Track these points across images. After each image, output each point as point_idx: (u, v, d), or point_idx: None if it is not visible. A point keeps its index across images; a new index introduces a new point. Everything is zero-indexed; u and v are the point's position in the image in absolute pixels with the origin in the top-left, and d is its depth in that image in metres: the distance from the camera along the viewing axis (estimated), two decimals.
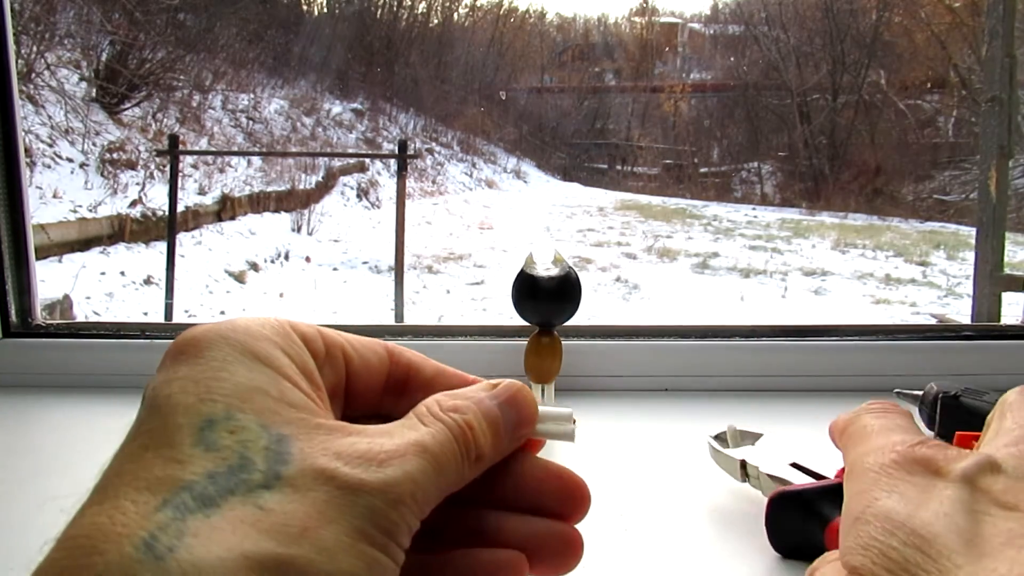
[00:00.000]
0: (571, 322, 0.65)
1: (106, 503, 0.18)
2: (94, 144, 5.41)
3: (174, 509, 0.17)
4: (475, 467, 0.23)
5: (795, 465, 0.46)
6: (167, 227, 4.16)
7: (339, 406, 0.25)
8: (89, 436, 0.61)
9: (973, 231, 4.08)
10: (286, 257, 5.22)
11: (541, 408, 0.25)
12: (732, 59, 9.85)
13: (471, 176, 8.55)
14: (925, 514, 0.21)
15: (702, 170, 9.42)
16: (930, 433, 0.61)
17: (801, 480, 0.44)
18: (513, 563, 0.24)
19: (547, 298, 0.62)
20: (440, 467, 0.21)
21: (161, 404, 0.20)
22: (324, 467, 0.19)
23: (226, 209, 5.48)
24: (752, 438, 0.51)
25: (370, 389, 0.25)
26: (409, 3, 9.50)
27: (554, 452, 0.62)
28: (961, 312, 4.56)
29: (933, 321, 4.39)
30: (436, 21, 9.97)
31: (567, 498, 0.24)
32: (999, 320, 3.04)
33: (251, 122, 7.20)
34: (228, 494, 0.18)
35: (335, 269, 5.19)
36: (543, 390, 0.66)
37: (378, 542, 0.19)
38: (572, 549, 0.24)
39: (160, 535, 0.17)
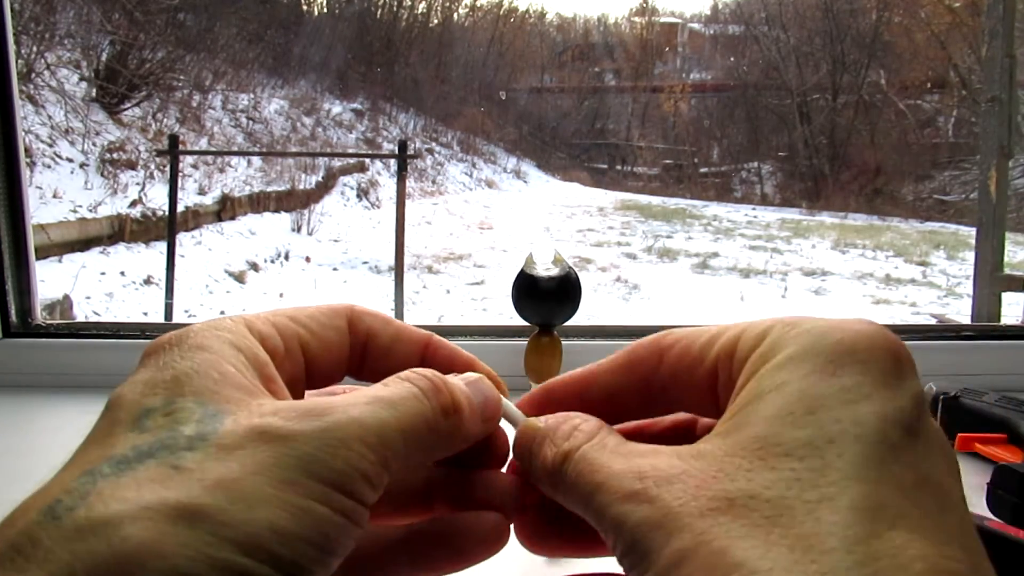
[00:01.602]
0: (571, 322, 0.65)
1: (39, 490, 0.18)
2: (94, 144, 5.41)
3: (88, 476, 0.17)
4: (455, 421, 0.22)
5: None
6: (167, 227, 4.16)
7: (302, 391, 0.25)
8: None
9: (973, 231, 4.08)
10: (286, 257, 5.22)
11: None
12: (732, 59, 9.85)
13: (471, 176, 8.55)
14: None
15: (702, 170, 9.42)
16: None
17: None
18: (496, 527, 0.24)
19: (547, 298, 0.62)
20: (400, 414, 0.20)
21: (111, 406, 0.20)
22: (255, 425, 0.18)
23: (226, 209, 5.48)
24: None
25: (334, 366, 0.25)
26: (409, 3, 9.51)
27: None
28: (961, 312, 4.56)
29: (933, 321, 4.39)
30: (436, 21, 9.98)
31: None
32: (999, 320, 3.04)
33: (251, 122, 7.20)
34: (147, 458, 0.18)
35: (335, 269, 5.19)
36: None
37: (314, 492, 0.18)
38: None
39: (64, 498, 0.17)
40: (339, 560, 0.18)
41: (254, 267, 4.93)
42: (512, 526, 0.24)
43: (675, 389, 0.23)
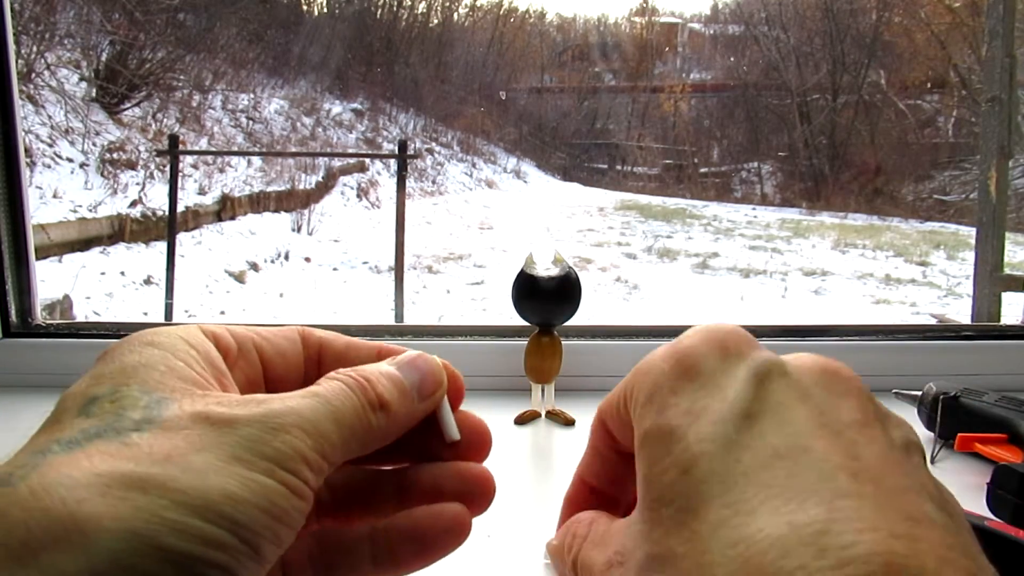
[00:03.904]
0: (571, 322, 0.65)
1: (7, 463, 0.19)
2: (94, 144, 5.41)
3: (39, 454, 0.18)
4: (384, 416, 0.23)
5: None
6: (167, 227, 4.16)
7: (255, 372, 0.26)
8: None
9: (973, 231, 4.08)
10: (286, 257, 5.22)
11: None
12: (732, 59, 9.85)
13: (471, 176, 8.55)
14: None
15: (702, 170, 9.42)
16: (929, 434, 0.61)
17: None
18: (457, 518, 0.25)
19: (547, 298, 0.63)
20: (334, 408, 0.21)
21: (60, 400, 0.21)
22: (199, 410, 0.19)
23: (226, 209, 5.48)
24: None
25: (289, 373, 0.26)
26: (409, 3, 9.51)
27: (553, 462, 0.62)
28: (961, 312, 4.56)
29: (933, 321, 4.39)
30: (436, 21, 9.98)
31: (474, 442, 0.27)
32: (999, 320, 3.04)
33: (251, 122, 7.20)
34: (95, 438, 0.18)
35: (335, 269, 5.19)
36: (543, 390, 0.66)
37: (259, 466, 0.19)
38: (487, 486, 0.26)
39: (16, 471, 0.17)
40: (288, 536, 0.19)
41: (254, 267, 4.93)
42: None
43: (630, 446, 0.25)
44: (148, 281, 4.26)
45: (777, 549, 0.17)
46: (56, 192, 4.73)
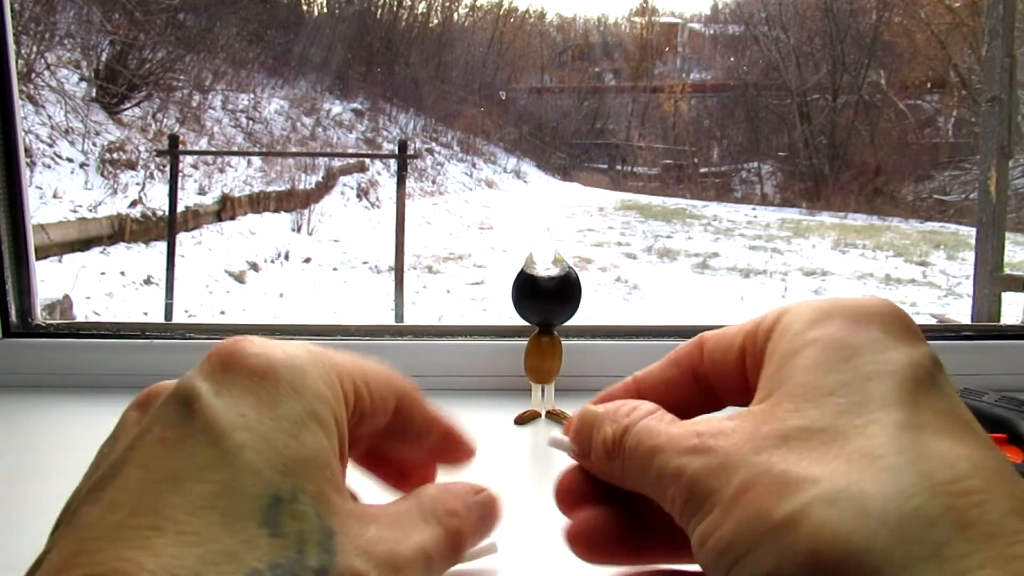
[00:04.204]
0: (571, 322, 0.65)
1: (163, 556, 0.17)
2: (94, 144, 5.41)
3: None
4: (454, 561, 0.25)
5: None
6: (167, 227, 4.16)
7: None
8: (89, 436, 0.60)
9: (973, 231, 4.08)
10: (286, 257, 5.22)
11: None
12: (732, 59, 9.85)
13: (471, 176, 8.55)
14: None
15: (702, 170, 9.42)
16: None
17: None
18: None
19: (547, 298, 0.62)
20: (432, 566, 0.23)
21: (230, 453, 0.19)
22: (359, 570, 0.20)
23: (226, 209, 5.48)
24: None
25: (370, 432, 0.26)
26: (409, 3, 9.51)
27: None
28: (961, 312, 4.56)
29: (933, 321, 4.39)
30: (436, 21, 9.98)
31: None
32: (999, 320, 3.04)
33: (251, 122, 7.20)
34: None
35: (335, 269, 5.19)
36: (543, 390, 0.66)
37: None
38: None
39: None
40: None
41: (254, 267, 4.93)
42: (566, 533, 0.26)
43: (715, 379, 0.25)
44: (148, 281, 4.26)
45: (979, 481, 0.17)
46: (56, 192, 4.73)
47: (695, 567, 0.24)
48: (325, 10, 9.40)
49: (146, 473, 0.19)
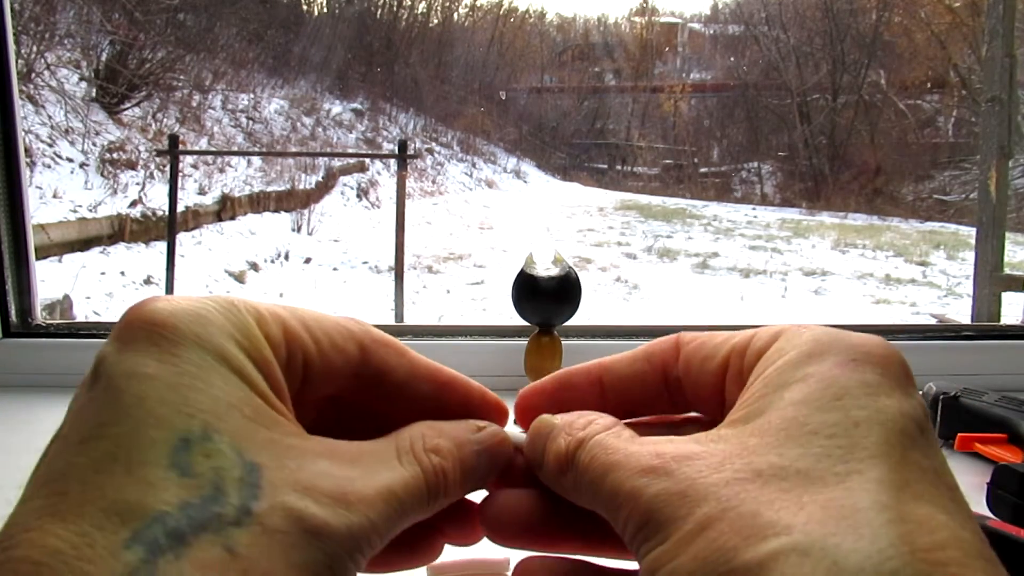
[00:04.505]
0: (571, 322, 0.65)
1: (68, 520, 0.16)
2: (94, 144, 5.42)
3: (145, 548, 0.16)
4: (436, 508, 0.22)
5: None
6: (167, 227, 4.16)
7: (292, 388, 0.23)
8: None
9: (973, 231, 4.08)
10: (286, 257, 5.22)
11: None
12: (732, 59, 9.85)
13: (471, 176, 8.55)
14: None
15: (702, 170, 9.42)
16: None
17: None
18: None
19: (547, 298, 0.62)
20: (404, 512, 0.21)
21: (131, 405, 0.18)
22: (292, 506, 0.18)
23: (226, 209, 5.48)
24: None
25: (330, 382, 0.23)
26: (409, 3, 9.51)
27: None
28: (961, 312, 4.56)
29: (933, 321, 4.39)
30: (436, 21, 9.98)
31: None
32: (999, 320, 3.04)
33: (251, 122, 7.20)
34: (200, 530, 0.17)
35: (335, 269, 5.19)
36: None
37: None
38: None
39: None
40: None
41: (254, 267, 4.93)
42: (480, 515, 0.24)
43: (687, 382, 0.24)
44: (148, 281, 4.26)
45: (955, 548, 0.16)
46: (56, 192, 4.73)
47: (607, 561, 0.24)
48: (325, 10, 9.41)
49: (62, 444, 0.19)
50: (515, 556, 0.27)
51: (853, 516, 0.16)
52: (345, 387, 0.24)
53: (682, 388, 0.24)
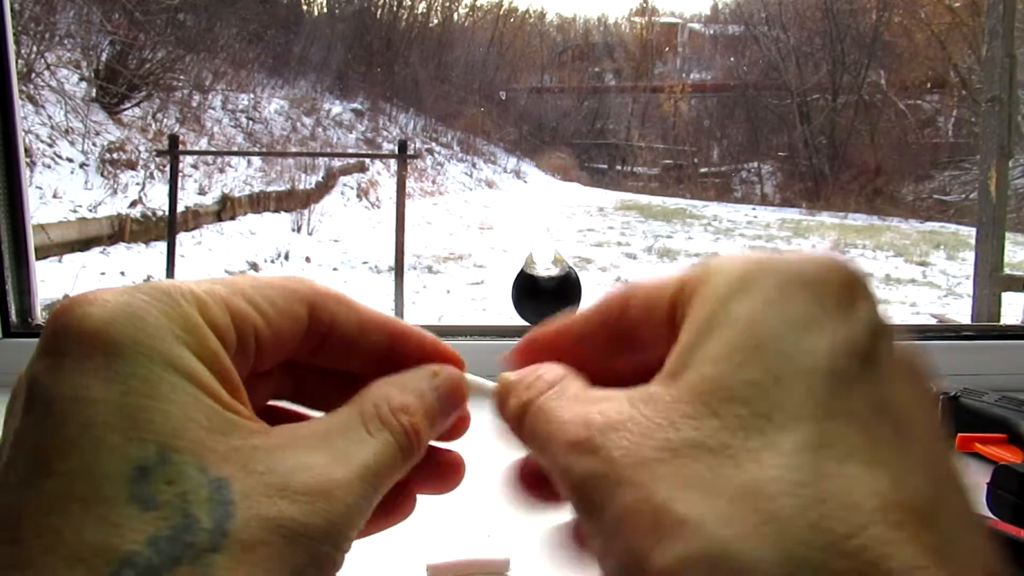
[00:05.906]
0: None
1: (17, 553, 0.15)
2: (94, 144, 5.42)
3: None
4: (411, 465, 0.21)
5: None
6: (167, 227, 4.16)
7: (245, 370, 0.22)
8: None
9: (973, 231, 4.08)
10: (286, 257, 5.22)
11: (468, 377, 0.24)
12: (732, 59, 9.85)
13: (471, 176, 8.55)
14: None
15: (702, 170, 9.43)
16: None
17: None
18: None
19: (547, 298, 0.62)
20: (381, 483, 0.20)
21: (78, 435, 0.17)
22: (267, 514, 0.17)
23: (226, 209, 5.48)
24: None
25: (280, 354, 0.22)
26: (409, 3, 9.51)
27: None
28: (961, 312, 4.56)
29: (933, 321, 4.39)
30: (436, 21, 9.98)
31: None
32: (999, 320, 3.04)
33: (251, 122, 7.20)
34: (175, 563, 0.16)
35: (335, 269, 5.19)
36: None
37: None
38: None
39: None
40: None
41: (254, 267, 4.93)
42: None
43: (641, 329, 0.22)
44: (148, 281, 4.26)
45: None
46: (56, 192, 4.73)
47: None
48: (325, 10, 9.41)
49: (4, 476, 0.17)
50: (515, 556, 0.27)
51: (764, 504, 0.15)
52: (297, 350, 0.22)
53: (635, 336, 0.22)
